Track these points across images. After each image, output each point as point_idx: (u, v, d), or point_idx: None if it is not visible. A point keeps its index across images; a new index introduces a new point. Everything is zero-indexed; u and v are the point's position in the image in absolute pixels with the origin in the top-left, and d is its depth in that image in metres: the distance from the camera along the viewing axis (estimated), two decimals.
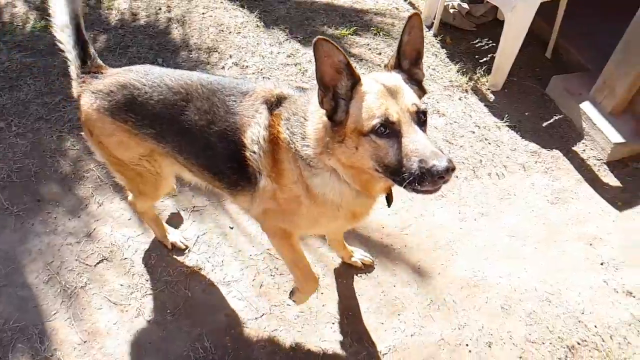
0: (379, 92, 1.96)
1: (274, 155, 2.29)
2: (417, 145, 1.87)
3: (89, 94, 2.46)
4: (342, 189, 2.21)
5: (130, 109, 2.41)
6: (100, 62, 2.60)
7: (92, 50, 2.57)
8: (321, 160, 2.14)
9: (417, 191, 1.90)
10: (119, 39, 4.76)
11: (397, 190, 2.13)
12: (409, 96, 1.98)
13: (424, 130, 1.97)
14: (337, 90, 1.99)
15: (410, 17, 1.99)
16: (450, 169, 1.81)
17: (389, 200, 2.38)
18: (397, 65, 2.12)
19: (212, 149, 2.39)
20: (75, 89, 2.57)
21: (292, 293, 2.91)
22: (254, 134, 2.30)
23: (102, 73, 2.53)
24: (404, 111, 1.93)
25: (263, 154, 2.30)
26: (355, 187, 2.18)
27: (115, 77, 2.47)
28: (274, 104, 2.32)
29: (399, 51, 2.09)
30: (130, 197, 3.07)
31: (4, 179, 3.55)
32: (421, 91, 2.13)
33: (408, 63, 2.13)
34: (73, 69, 2.56)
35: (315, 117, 2.15)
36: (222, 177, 2.51)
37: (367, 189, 2.19)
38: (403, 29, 2.02)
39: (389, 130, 1.90)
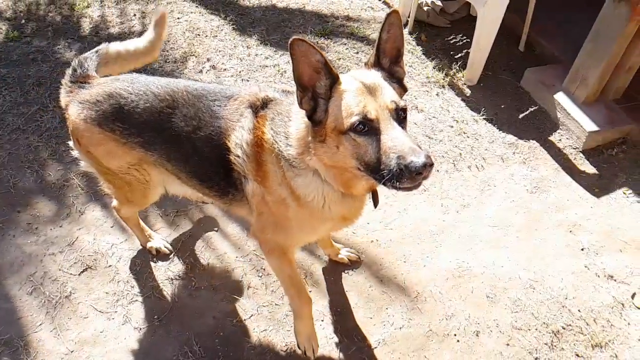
0: (358, 89, 1.95)
1: (257, 158, 2.27)
2: (395, 142, 1.86)
3: (77, 105, 2.46)
4: (325, 189, 2.20)
5: (117, 118, 2.40)
6: (91, 72, 2.59)
7: (87, 63, 2.59)
8: (303, 160, 2.12)
9: (397, 188, 1.89)
10: (94, 46, 4.68)
11: (381, 187, 2.14)
12: (387, 93, 1.96)
13: (404, 127, 1.96)
14: (316, 90, 1.98)
15: (388, 15, 1.98)
16: (427, 165, 1.79)
17: (375, 200, 2.36)
18: (377, 63, 2.11)
19: (199, 154, 2.39)
20: (63, 99, 2.57)
21: (298, 345, 2.90)
22: (238, 138, 2.29)
23: (89, 83, 2.53)
24: (382, 108, 1.92)
25: (247, 158, 2.29)
26: (338, 188, 2.17)
27: (101, 86, 2.47)
28: (259, 107, 2.32)
29: (378, 49, 2.08)
30: (114, 202, 3.04)
31: None
32: (402, 89, 2.12)
33: (388, 61, 2.11)
34: (65, 79, 2.58)
35: (298, 117, 2.15)
36: (210, 185, 2.51)
37: (348, 188, 2.17)
38: (382, 26, 2.01)
39: (367, 127, 1.89)
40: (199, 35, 5.01)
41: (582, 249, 3.63)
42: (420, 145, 1.83)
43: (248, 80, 4.59)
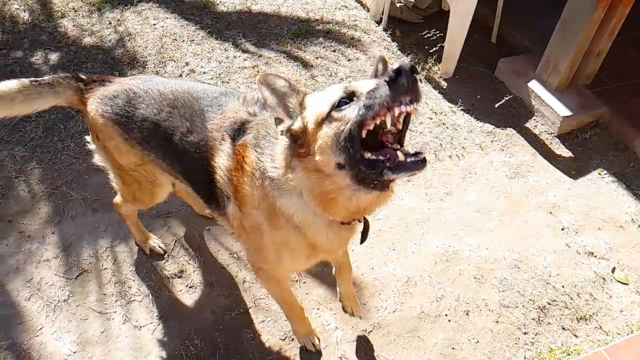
0: (333, 86, 1.89)
1: (235, 182, 2.23)
2: (378, 91, 1.66)
3: (96, 100, 2.52)
4: (308, 212, 2.04)
5: (123, 113, 2.46)
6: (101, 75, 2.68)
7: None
8: (288, 180, 1.98)
9: (387, 167, 1.69)
10: (72, 55, 4.74)
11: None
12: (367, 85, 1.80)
13: None
14: (289, 110, 1.90)
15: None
16: (412, 67, 1.59)
17: (364, 234, 2.23)
18: None
19: (189, 156, 2.40)
20: (80, 100, 2.61)
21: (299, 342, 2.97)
22: (220, 161, 2.28)
23: (110, 81, 2.59)
24: (363, 89, 1.75)
25: (228, 181, 2.27)
26: (317, 207, 1.96)
27: (120, 84, 2.53)
28: (237, 131, 2.26)
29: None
30: (116, 199, 3.08)
31: None
32: None
33: None
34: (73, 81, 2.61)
35: (282, 137, 2.01)
36: (197, 189, 2.56)
37: (331, 209, 1.94)
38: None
39: (348, 99, 1.75)
40: (175, 40, 5.05)
41: (563, 229, 3.77)
42: None
43: (228, 82, 4.65)
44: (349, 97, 1.75)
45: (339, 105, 1.74)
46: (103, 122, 2.51)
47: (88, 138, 2.75)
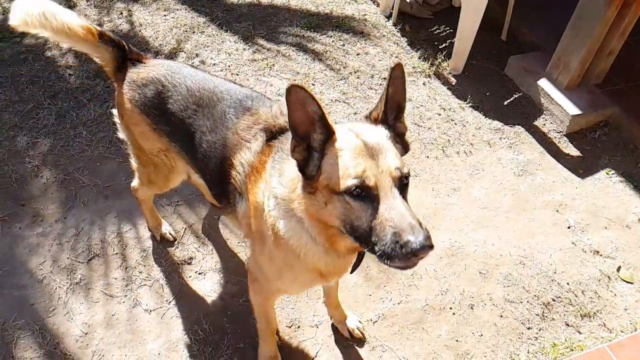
0: (357, 149, 1.74)
1: (252, 180, 2.20)
2: (393, 213, 1.65)
3: (126, 84, 2.56)
4: (307, 239, 2.00)
5: (154, 104, 2.49)
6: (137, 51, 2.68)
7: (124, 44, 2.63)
8: (290, 204, 1.96)
9: (388, 265, 1.69)
10: None
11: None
12: (391, 158, 1.74)
13: (405, 195, 1.75)
14: (311, 142, 1.80)
15: (393, 68, 1.78)
16: (427, 247, 1.59)
17: (356, 265, 2.12)
18: (384, 119, 1.90)
19: (206, 154, 2.41)
20: (114, 74, 2.65)
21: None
22: (244, 158, 2.26)
23: (142, 62, 2.61)
24: (384, 175, 1.70)
25: (246, 178, 2.25)
26: (321, 241, 1.97)
27: (150, 70, 2.55)
28: (274, 134, 2.22)
29: (386, 103, 1.86)
30: (134, 182, 3.13)
31: None
32: (404, 148, 1.94)
33: (393, 117, 1.92)
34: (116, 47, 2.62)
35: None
36: (211, 185, 2.59)
37: (332, 243, 1.96)
38: (388, 79, 1.80)
39: (364, 193, 1.69)
40: (186, 31, 5.08)
41: (569, 227, 3.79)
42: (421, 221, 1.66)
43: (237, 75, 4.69)
44: (365, 190, 1.69)
45: (351, 192, 1.70)
46: (130, 107, 2.56)
47: (114, 112, 2.79)
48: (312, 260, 2.07)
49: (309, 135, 1.78)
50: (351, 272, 2.18)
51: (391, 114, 1.90)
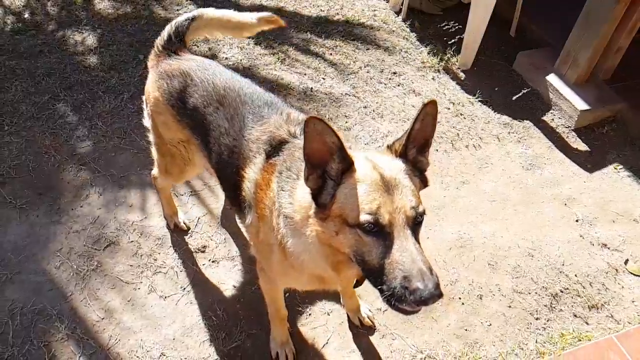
0: (374, 183, 1.72)
1: (258, 198, 2.22)
2: (404, 257, 1.63)
3: (157, 72, 2.64)
4: (316, 258, 1.99)
5: (180, 96, 2.54)
6: (184, 41, 2.76)
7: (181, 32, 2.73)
8: (300, 227, 1.95)
9: (393, 307, 1.69)
10: (98, 38, 4.85)
11: None
12: (407, 196, 1.72)
13: (417, 233, 1.75)
14: (327, 170, 1.78)
15: (425, 105, 1.75)
16: (436, 296, 1.60)
17: (359, 282, 2.12)
18: (403, 153, 1.86)
19: (221, 156, 2.44)
20: (150, 60, 2.76)
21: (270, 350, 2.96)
22: (250, 174, 2.28)
23: (178, 54, 2.68)
24: (399, 213, 1.68)
25: (253, 194, 2.27)
26: (326, 268, 1.97)
27: (183, 62, 2.62)
28: (274, 148, 2.23)
29: (408, 138, 1.83)
30: (154, 171, 3.20)
31: (3, 175, 3.64)
32: (423, 183, 1.90)
33: (414, 151, 1.88)
34: (158, 42, 2.76)
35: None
36: (224, 188, 2.65)
37: (338, 271, 1.95)
38: (417, 115, 1.77)
39: (377, 229, 1.67)
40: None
41: (577, 221, 3.83)
42: (432, 267, 1.66)
43: (249, 69, 4.74)
44: (378, 227, 1.68)
45: (364, 227, 1.69)
46: (157, 96, 2.63)
47: (144, 97, 2.86)
48: (321, 272, 2.09)
49: (324, 164, 1.77)
50: (354, 287, 2.19)
51: (414, 147, 1.87)
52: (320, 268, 2.04)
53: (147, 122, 2.90)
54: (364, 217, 1.66)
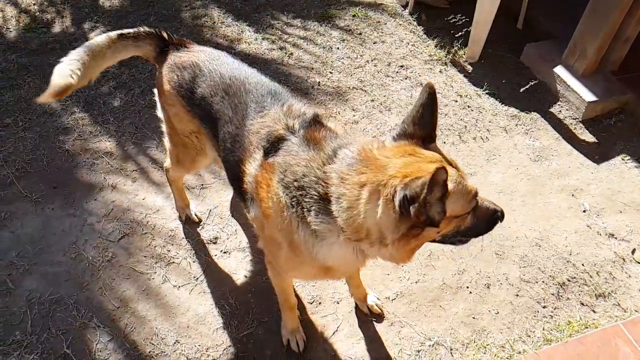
0: (457, 175, 1.96)
1: (260, 197, 2.21)
2: (490, 204, 2.16)
3: (167, 65, 2.68)
4: (348, 257, 2.07)
5: (189, 87, 2.59)
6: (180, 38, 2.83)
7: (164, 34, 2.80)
8: (336, 233, 1.97)
9: (463, 242, 2.23)
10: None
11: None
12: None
13: None
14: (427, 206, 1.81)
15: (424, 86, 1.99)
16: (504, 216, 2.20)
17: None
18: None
19: (225, 145, 2.47)
20: (155, 59, 2.80)
21: (282, 337, 3.01)
22: (250, 169, 2.28)
23: (186, 47, 2.74)
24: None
25: (254, 189, 2.27)
26: (401, 259, 2.04)
27: (192, 54, 2.66)
28: (272, 144, 2.22)
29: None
30: (166, 163, 3.26)
31: (18, 169, 3.72)
32: None
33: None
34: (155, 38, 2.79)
35: (362, 193, 1.86)
36: (229, 178, 2.66)
37: (410, 258, 2.08)
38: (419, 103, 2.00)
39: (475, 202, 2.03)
40: (206, 22, 5.20)
41: (584, 211, 3.86)
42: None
43: (256, 64, 4.79)
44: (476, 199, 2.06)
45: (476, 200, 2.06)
46: (168, 88, 2.68)
47: (155, 91, 2.92)
48: (340, 266, 2.23)
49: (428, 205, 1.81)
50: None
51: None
52: (352, 269, 2.31)
53: (160, 113, 2.96)
54: (474, 200, 2.02)
